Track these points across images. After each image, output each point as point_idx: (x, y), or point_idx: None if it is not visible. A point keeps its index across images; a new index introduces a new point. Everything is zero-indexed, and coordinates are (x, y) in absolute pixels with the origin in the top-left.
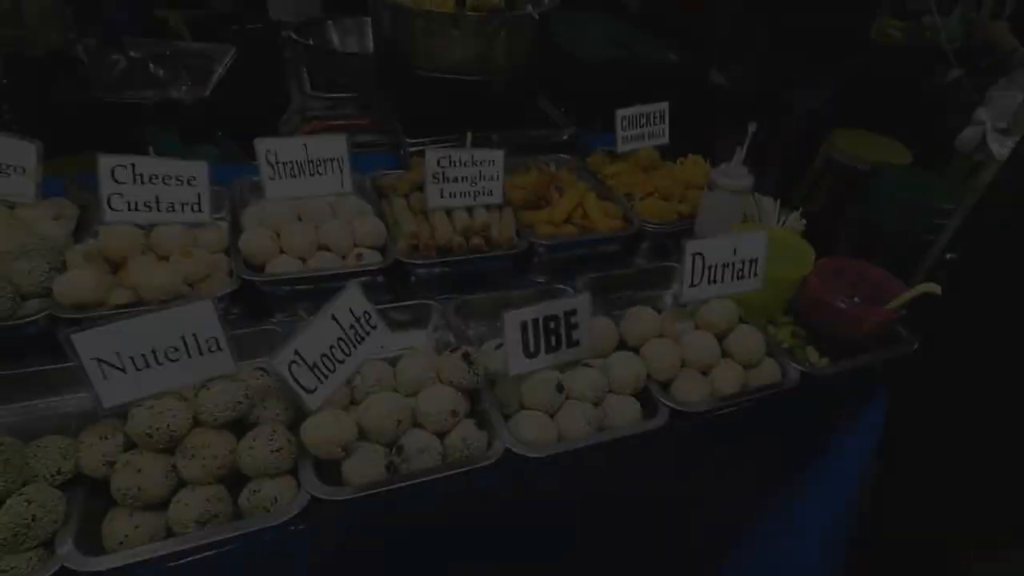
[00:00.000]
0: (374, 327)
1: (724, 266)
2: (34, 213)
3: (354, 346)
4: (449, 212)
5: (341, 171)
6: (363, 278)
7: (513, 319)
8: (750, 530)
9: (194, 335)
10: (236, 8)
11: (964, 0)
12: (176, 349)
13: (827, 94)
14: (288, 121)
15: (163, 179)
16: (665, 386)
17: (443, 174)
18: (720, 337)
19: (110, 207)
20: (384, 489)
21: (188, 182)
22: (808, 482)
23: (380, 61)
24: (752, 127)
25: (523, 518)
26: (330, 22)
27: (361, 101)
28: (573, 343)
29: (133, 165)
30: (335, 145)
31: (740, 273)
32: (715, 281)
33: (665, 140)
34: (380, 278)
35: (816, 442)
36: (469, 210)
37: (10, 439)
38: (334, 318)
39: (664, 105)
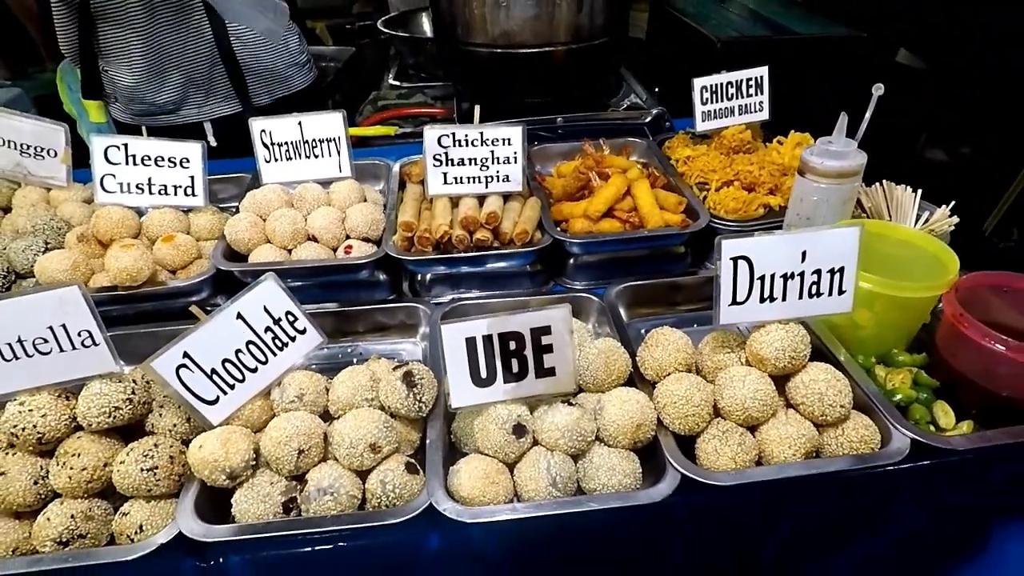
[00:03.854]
0: (301, 331)
1: (786, 277)
2: (64, 195)
3: (272, 352)
4: (458, 202)
5: (339, 153)
6: (361, 273)
7: (455, 334)
8: None
9: (64, 325)
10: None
11: None
12: (45, 340)
13: None
14: (363, 110)
15: (156, 160)
16: (689, 443)
17: (446, 155)
18: (780, 379)
19: (103, 189)
20: (260, 536)
21: (182, 164)
22: None
23: (437, 37)
24: (878, 90)
25: None
26: (425, 13)
27: (434, 91)
28: (545, 371)
29: (126, 146)
30: (332, 124)
31: (814, 288)
32: (771, 298)
33: (763, 116)
34: (382, 275)
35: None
36: (482, 199)
37: None
38: (241, 317)
39: (763, 71)
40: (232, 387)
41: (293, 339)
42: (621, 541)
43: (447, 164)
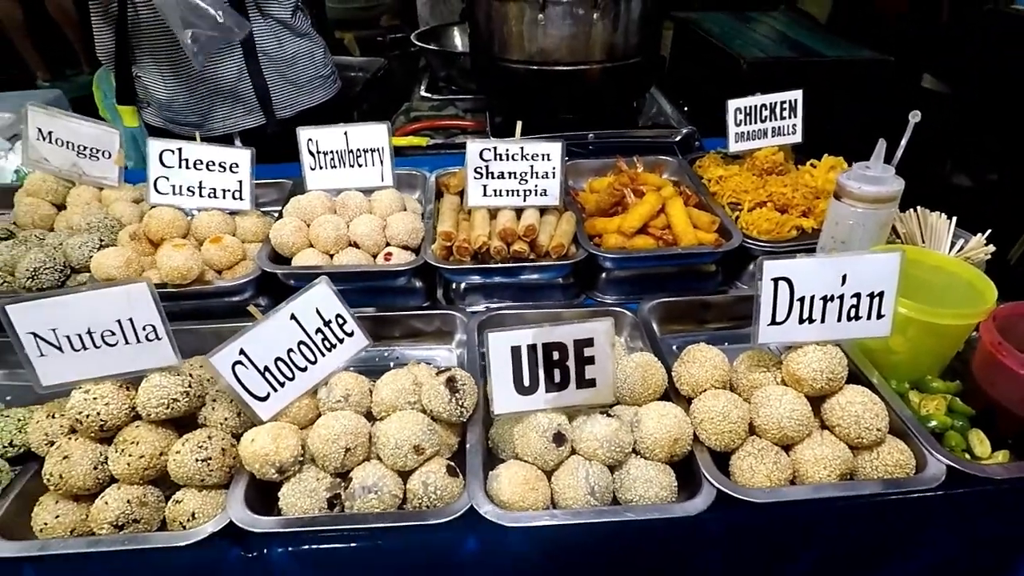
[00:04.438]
0: (349, 334)
1: (826, 299)
2: (116, 194)
3: (322, 353)
4: (496, 214)
5: (382, 163)
6: (399, 280)
7: (501, 342)
8: None
9: (131, 319)
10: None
11: None
12: (112, 333)
13: None
14: (395, 121)
15: (207, 165)
16: (724, 459)
17: (487, 168)
18: (815, 400)
19: (156, 190)
20: (306, 529)
21: (231, 169)
22: None
23: (473, 52)
24: (915, 117)
25: None
26: (456, 28)
27: (465, 104)
28: (586, 383)
29: (180, 150)
30: (376, 135)
31: (853, 312)
32: (810, 320)
33: (796, 138)
34: (418, 282)
35: None
36: (520, 212)
37: None
38: (294, 318)
39: (797, 94)
40: (282, 384)
41: (341, 341)
42: (654, 552)
43: (487, 177)
